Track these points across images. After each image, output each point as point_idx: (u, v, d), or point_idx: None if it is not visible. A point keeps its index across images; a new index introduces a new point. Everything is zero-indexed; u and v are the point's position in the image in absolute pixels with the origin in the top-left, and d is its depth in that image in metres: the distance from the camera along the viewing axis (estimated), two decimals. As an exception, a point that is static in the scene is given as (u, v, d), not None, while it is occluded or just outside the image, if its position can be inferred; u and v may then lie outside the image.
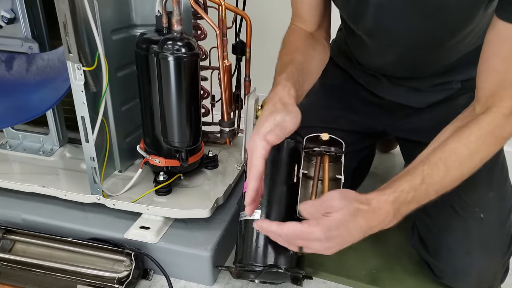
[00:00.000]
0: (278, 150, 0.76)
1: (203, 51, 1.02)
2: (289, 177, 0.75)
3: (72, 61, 0.79)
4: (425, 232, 0.85)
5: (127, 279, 0.81)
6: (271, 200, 0.74)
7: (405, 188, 0.62)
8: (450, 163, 0.64)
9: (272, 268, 0.70)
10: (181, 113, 0.84)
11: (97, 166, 0.89)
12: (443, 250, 0.81)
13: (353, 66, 0.99)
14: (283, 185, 0.75)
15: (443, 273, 0.82)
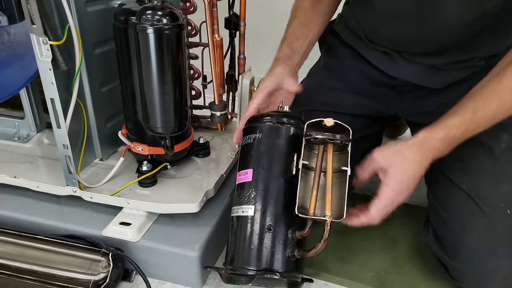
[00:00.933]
0: (276, 136, 0.67)
1: (192, 25, 0.91)
2: (288, 168, 0.66)
3: (36, 33, 0.69)
4: (441, 229, 0.75)
5: (104, 282, 0.72)
6: (266, 193, 0.65)
7: (455, 123, 0.63)
8: (504, 96, 0.62)
9: (266, 274, 0.61)
10: (163, 94, 0.74)
11: (71, 155, 0.79)
12: (463, 250, 0.71)
13: (362, 43, 0.88)
14: (280, 177, 0.65)
15: (463, 276, 0.73)
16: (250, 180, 0.66)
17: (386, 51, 0.84)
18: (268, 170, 0.66)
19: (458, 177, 0.75)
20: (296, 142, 0.66)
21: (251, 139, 0.68)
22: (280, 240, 0.62)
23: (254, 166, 0.66)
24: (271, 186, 0.65)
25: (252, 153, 0.67)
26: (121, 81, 0.82)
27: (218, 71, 0.86)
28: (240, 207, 0.66)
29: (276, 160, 0.66)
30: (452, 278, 0.75)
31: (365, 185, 0.71)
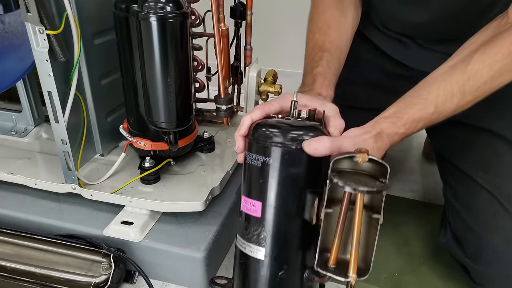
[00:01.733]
0: (293, 164, 0.52)
1: (196, 15, 0.87)
2: (306, 208, 0.54)
3: (31, 22, 0.64)
4: (461, 229, 0.72)
5: (105, 285, 0.68)
6: (279, 237, 0.54)
7: (416, 118, 0.58)
8: (467, 88, 0.58)
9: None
10: (167, 87, 0.70)
11: (70, 151, 0.75)
12: (487, 252, 0.67)
13: (376, 31, 0.83)
14: (296, 218, 0.53)
15: (485, 279, 0.69)
16: (259, 217, 0.54)
17: (400, 39, 0.80)
18: (281, 208, 0.53)
19: (478, 175, 0.71)
20: (319, 170, 0.52)
21: (258, 161, 0.53)
22: (295, 286, 0.54)
23: (263, 200, 0.53)
24: (285, 229, 0.54)
25: (260, 182, 0.53)
26: (122, 73, 0.78)
27: (224, 62, 0.82)
28: (247, 244, 0.56)
29: (291, 197, 0.53)
30: (473, 281, 0.71)
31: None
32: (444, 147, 0.82)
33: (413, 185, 1.06)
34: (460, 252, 0.71)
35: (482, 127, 0.74)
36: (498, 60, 0.57)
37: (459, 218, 0.72)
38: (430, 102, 0.58)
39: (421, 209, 0.96)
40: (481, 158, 0.71)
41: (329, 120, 0.55)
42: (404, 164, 1.16)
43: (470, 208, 0.71)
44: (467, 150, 0.75)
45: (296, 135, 0.51)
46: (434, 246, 0.83)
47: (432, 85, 0.60)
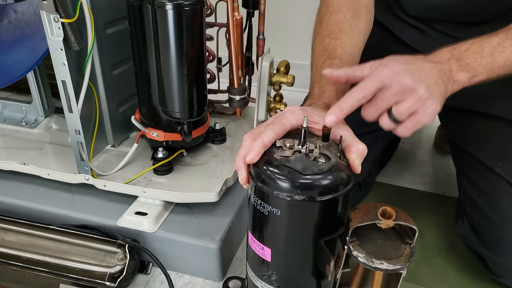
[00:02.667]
0: (305, 217, 0.47)
1: (208, 4, 0.86)
2: (319, 257, 0.50)
3: (46, 10, 0.64)
4: (480, 220, 0.71)
5: (120, 275, 0.68)
6: (290, 281, 0.52)
7: (468, 40, 0.54)
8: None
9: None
10: (183, 76, 0.69)
11: (83, 141, 0.74)
12: (507, 244, 0.67)
13: (393, 17, 0.81)
14: (309, 267, 0.51)
15: (506, 271, 0.68)
16: (269, 261, 0.52)
17: (419, 26, 0.78)
18: (292, 258, 0.51)
19: (497, 165, 0.70)
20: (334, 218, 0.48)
21: (264, 208, 0.48)
22: None
23: (272, 247, 0.51)
24: (297, 277, 0.52)
25: (268, 230, 0.50)
26: (135, 63, 0.77)
27: (238, 51, 0.81)
28: (259, 280, 0.55)
29: (302, 247, 0.50)
30: (491, 272, 0.70)
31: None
32: (460, 137, 0.81)
33: (425, 177, 1.06)
34: (479, 243, 0.70)
35: (500, 116, 0.73)
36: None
37: (478, 209, 0.71)
38: (489, 33, 0.55)
39: (434, 201, 0.95)
40: (500, 148, 0.70)
41: (349, 145, 0.49)
42: (415, 157, 1.16)
43: (490, 199, 0.70)
44: (484, 140, 0.74)
45: (308, 183, 0.45)
46: (449, 238, 0.82)
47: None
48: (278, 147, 0.51)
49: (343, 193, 0.47)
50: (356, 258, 0.45)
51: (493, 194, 0.70)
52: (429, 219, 0.89)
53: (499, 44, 0.54)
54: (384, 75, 0.48)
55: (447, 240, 0.82)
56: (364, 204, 0.47)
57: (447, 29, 0.76)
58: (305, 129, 0.49)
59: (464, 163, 0.78)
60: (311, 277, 0.52)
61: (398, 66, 0.49)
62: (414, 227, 0.45)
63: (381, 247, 0.46)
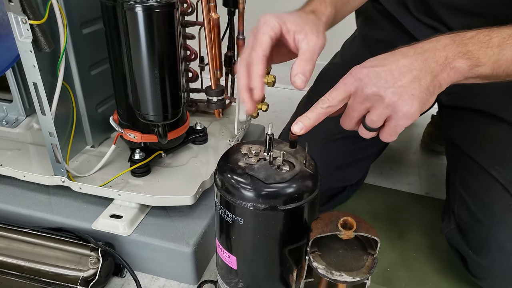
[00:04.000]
0: (268, 226, 0.47)
1: (188, 3, 0.84)
2: (284, 266, 0.50)
3: (13, 12, 0.62)
4: (469, 221, 0.69)
5: (93, 279, 0.68)
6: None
7: (476, 29, 0.49)
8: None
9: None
10: (154, 78, 0.68)
11: (58, 143, 0.74)
12: (492, 246, 0.65)
13: (407, 13, 0.77)
14: (274, 276, 0.51)
15: (487, 273, 0.68)
16: (235, 269, 0.52)
17: (435, 25, 0.73)
18: (257, 267, 0.51)
19: (493, 168, 0.68)
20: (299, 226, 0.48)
21: (228, 216, 0.48)
22: None
23: (238, 256, 0.51)
24: (261, 283, 0.52)
25: (233, 239, 0.50)
26: (111, 64, 0.76)
27: (215, 52, 0.80)
28: (226, 287, 0.56)
29: (268, 257, 0.50)
30: (471, 274, 0.69)
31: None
32: (458, 135, 0.79)
33: (410, 178, 1.05)
34: (463, 243, 0.69)
35: (504, 119, 0.71)
36: None
37: (467, 209, 0.69)
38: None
39: (417, 203, 0.94)
40: (499, 151, 0.69)
41: (297, 60, 0.49)
42: (402, 156, 1.15)
43: (481, 201, 0.68)
44: (483, 141, 0.72)
45: (270, 192, 0.45)
46: (429, 241, 0.81)
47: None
48: (244, 154, 0.50)
49: (307, 201, 0.47)
50: (316, 270, 0.44)
51: (484, 195, 0.68)
52: (410, 222, 0.88)
53: (510, 36, 0.48)
54: (348, 82, 0.47)
55: (427, 243, 0.81)
56: (326, 214, 0.47)
57: (462, 27, 0.72)
58: (270, 136, 0.48)
59: (458, 161, 0.76)
60: (276, 286, 0.52)
61: (363, 71, 0.47)
62: (376, 238, 0.44)
63: (342, 258, 0.45)
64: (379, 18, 0.82)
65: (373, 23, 0.83)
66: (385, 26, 0.81)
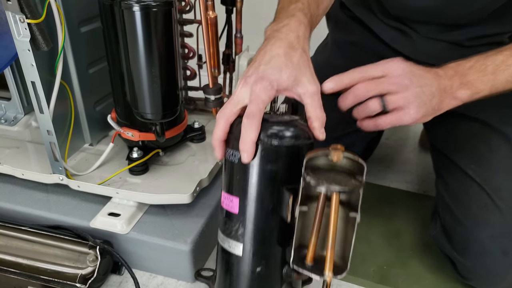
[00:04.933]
0: (268, 161, 0.51)
1: (186, 1, 0.84)
2: (283, 202, 0.53)
3: (11, 11, 0.63)
4: (450, 222, 0.71)
5: (92, 276, 0.68)
6: (256, 233, 0.53)
7: (473, 57, 0.56)
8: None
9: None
10: (152, 77, 0.68)
11: (56, 142, 0.74)
12: (474, 247, 0.67)
13: (373, 17, 0.80)
14: (273, 214, 0.53)
15: (471, 274, 0.69)
16: (236, 213, 0.54)
17: (401, 28, 0.77)
18: (257, 204, 0.53)
19: (469, 167, 0.70)
20: (296, 167, 0.50)
21: (235, 157, 0.53)
22: (273, 282, 0.55)
23: (240, 195, 0.53)
24: (262, 225, 0.53)
25: (237, 178, 0.53)
26: (108, 62, 0.77)
27: (213, 51, 0.80)
28: (227, 239, 0.56)
29: (268, 193, 0.52)
30: (459, 275, 0.70)
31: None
32: (438, 138, 0.81)
33: (407, 176, 1.05)
34: (449, 245, 0.70)
35: (477, 118, 0.72)
36: None
37: (449, 211, 0.71)
38: (495, 50, 0.57)
39: (414, 201, 0.95)
40: (474, 150, 0.70)
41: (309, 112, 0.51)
42: (399, 154, 1.15)
43: (460, 201, 0.70)
44: (460, 142, 0.74)
45: (274, 131, 0.49)
46: (425, 238, 0.82)
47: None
48: None
49: (303, 144, 0.51)
50: (309, 183, 0.47)
51: (463, 196, 0.70)
52: (407, 219, 0.89)
53: (502, 62, 0.56)
54: (390, 67, 0.54)
55: (424, 241, 0.82)
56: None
57: (427, 32, 0.75)
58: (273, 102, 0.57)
59: (440, 163, 0.77)
60: (273, 223, 0.53)
61: (404, 64, 0.54)
62: (363, 163, 0.47)
63: (333, 179, 0.49)
64: (348, 22, 0.86)
65: (343, 27, 0.87)
66: (354, 30, 0.85)
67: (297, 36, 0.53)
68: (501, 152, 0.68)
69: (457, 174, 0.71)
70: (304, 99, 0.50)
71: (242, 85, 0.50)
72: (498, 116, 0.71)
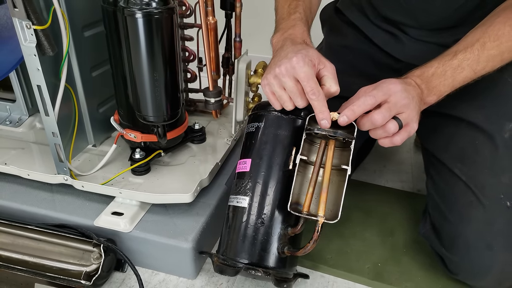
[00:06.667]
0: (279, 127, 0.64)
1: (187, 6, 0.87)
2: (287, 161, 0.63)
3: (18, 17, 0.65)
4: (439, 220, 0.73)
5: (96, 273, 0.71)
6: (262, 186, 0.63)
7: (433, 64, 0.63)
8: (488, 43, 0.62)
9: (249, 269, 0.60)
10: (154, 81, 0.71)
11: (61, 143, 0.76)
12: (460, 243, 0.69)
13: (367, 21, 0.84)
14: (279, 170, 0.63)
15: (459, 269, 0.71)
16: (248, 171, 0.64)
17: (392, 31, 0.80)
18: (267, 162, 0.63)
19: (456, 166, 0.72)
20: (300, 135, 0.63)
21: (253, 127, 0.66)
22: (272, 235, 0.61)
23: (253, 157, 0.64)
24: (268, 179, 0.63)
25: (253, 143, 0.65)
26: (111, 66, 0.79)
27: (213, 55, 0.83)
28: (236, 197, 0.65)
29: (276, 152, 0.63)
30: (449, 270, 0.73)
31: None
32: (427, 139, 0.83)
33: (402, 175, 1.08)
34: (437, 242, 0.73)
35: (462, 118, 0.75)
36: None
37: (438, 209, 0.74)
38: (448, 52, 0.64)
39: (409, 200, 0.97)
40: (460, 149, 0.72)
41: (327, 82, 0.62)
42: (395, 154, 1.18)
43: (448, 199, 0.72)
44: (448, 142, 0.76)
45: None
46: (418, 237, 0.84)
47: (452, 47, 0.65)
48: None
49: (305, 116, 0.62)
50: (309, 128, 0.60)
51: (450, 194, 0.72)
52: (401, 218, 0.91)
53: (458, 66, 0.63)
54: (391, 90, 0.59)
55: (417, 239, 0.84)
56: None
57: (417, 35, 0.78)
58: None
59: (430, 164, 0.80)
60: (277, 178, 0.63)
61: (399, 85, 0.59)
62: (354, 123, 0.58)
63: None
64: (342, 27, 0.89)
65: (337, 31, 0.90)
66: (348, 34, 0.88)
67: (304, 42, 0.66)
68: (486, 151, 0.70)
69: (445, 173, 0.74)
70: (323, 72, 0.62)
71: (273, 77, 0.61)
72: (483, 116, 0.73)
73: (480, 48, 0.62)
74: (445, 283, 0.76)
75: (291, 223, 0.61)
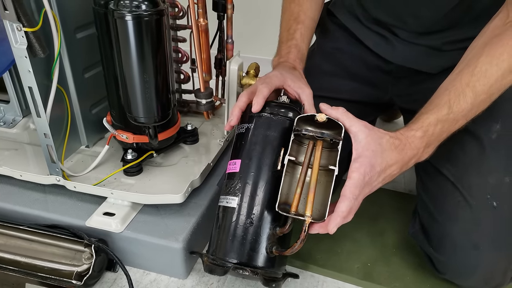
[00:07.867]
0: (268, 128, 0.65)
1: (179, 7, 0.87)
2: (276, 162, 0.64)
3: (9, 20, 0.65)
4: (428, 220, 0.74)
5: (87, 273, 0.71)
6: (251, 186, 0.63)
7: (431, 121, 0.60)
8: (478, 88, 0.60)
9: (237, 269, 0.60)
10: (144, 83, 0.71)
11: (53, 144, 0.77)
12: (447, 242, 0.70)
13: (359, 24, 0.85)
14: (268, 171, 0.64)
15: (446, 268, 0.72)
16: (237, 171, 0.65)
17: (383, 33, 0.81)
18: (256, 162, 0.64)
19: (445, 167, 0.73)
20: (289, 136, 0.63)
21: (243, 128, 0.67)
22: (261, 235, 0.62)
23: (243, 158, 0.65)
24: (257, 179, 0.64)
25: (243, 144, 0.66)
26: (103, 67, 0.79)
27: (204, 57, 0.83)
28: (225, 197, 0.65)
29: (265, 153, 0.64)
30: (437, 270, 0.74)
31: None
32: None
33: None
34: (426, 242, 0.74)
35: None
36: (505, 59, 0.59)
37: (427, 209, 0.74)
38: (443, 105, 0.61)
39: (400, 200, 0.98)
40: (449, 151, 0.73)
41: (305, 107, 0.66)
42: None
43: (436, 199, 0.73)
44: None
45: (274, 107, 0.65)
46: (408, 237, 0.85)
47: (443, 92, 0.62)
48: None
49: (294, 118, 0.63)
50: (298, 129, 0.60)
51: (438, 194, 0.73)
52: (391, 218, 0.92)
53: (454, 119, 0.61)
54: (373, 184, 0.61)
55: (407, 239, 0.85)
56: None
57: (407, 37, 0.78)
58: (280, 95, 0.70)
59: (419, 165, 0.80)
60: (266, 179, 0.64)
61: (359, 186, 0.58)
62: (341, 124, 0.58)
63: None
64: (334, 29, 0.90)
65: (329, 34, 0.91)
66: (340, 36, 0.89)
67: (293, 67, 0.73)
68: (473, 152, 0.71)
69: (434, 174, 0.75)
70: (302, 96, 0.67)
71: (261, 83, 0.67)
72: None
73: (473, 96, 0.60)
74: (434, 283, 0.77)
75: (280, 223, 0.62)
